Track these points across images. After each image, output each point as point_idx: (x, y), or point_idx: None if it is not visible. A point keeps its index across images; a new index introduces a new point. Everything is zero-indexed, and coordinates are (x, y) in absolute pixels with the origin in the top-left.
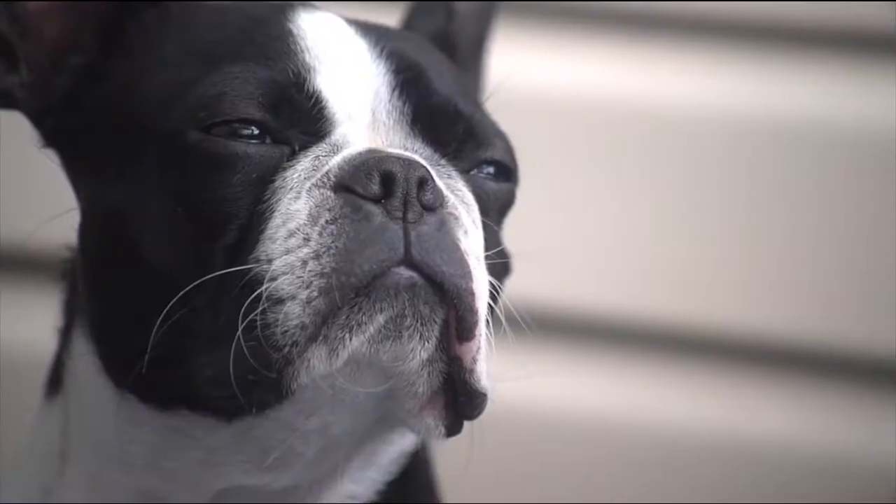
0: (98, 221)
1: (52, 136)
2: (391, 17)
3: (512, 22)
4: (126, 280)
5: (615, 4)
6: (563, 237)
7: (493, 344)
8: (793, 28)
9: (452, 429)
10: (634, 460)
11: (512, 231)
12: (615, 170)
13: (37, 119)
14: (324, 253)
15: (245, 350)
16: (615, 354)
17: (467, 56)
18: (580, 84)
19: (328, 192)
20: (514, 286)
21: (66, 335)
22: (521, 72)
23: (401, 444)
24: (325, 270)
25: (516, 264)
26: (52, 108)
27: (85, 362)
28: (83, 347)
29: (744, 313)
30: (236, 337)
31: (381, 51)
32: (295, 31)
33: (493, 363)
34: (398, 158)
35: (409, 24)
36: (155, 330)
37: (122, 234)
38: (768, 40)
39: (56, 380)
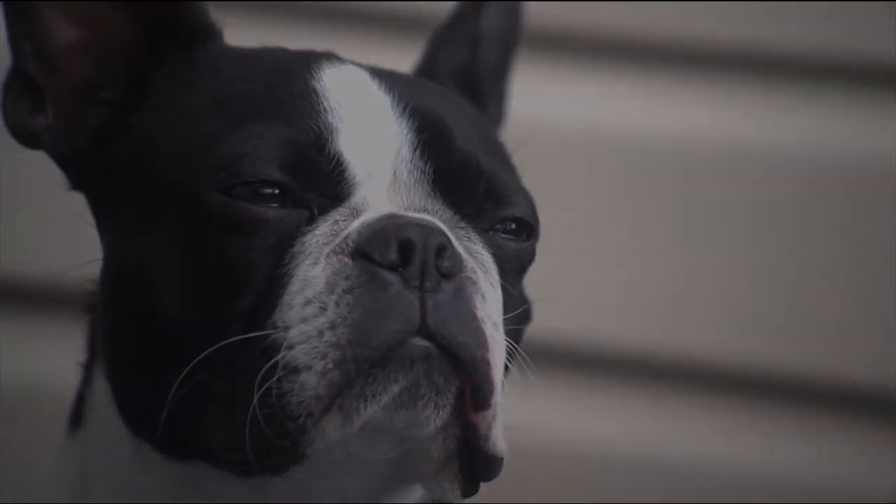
0: (117, 269)
1: (78, 180)
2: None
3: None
4: (142, 333)
5: (624, 38)
6: (562, 272)
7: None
8: (790, 59)
9: (468, 490)
10: (637, 494)
11: None
12: (612, 202)
13: (62, 163)
14: (340, 323)
15: (260, 418)
16: (617, 387)
17: (489, 83)
18: (577, 117)
19: (346, 259)
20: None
21: (88, 370)
22: (521, 104)
23: (418, 497)
24: (340, 342)
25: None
26: (76, 153)
27: (103, 400)
28: (103, 383)
29: (744, 345)
30: (253, 405)
31: (405, 108)
32: (319, 89)
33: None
34: (417, 225)
35: (432, 56)
36: (173, 392)
37: (139, 287)
38: (766, 72)
39: (78, 416)
